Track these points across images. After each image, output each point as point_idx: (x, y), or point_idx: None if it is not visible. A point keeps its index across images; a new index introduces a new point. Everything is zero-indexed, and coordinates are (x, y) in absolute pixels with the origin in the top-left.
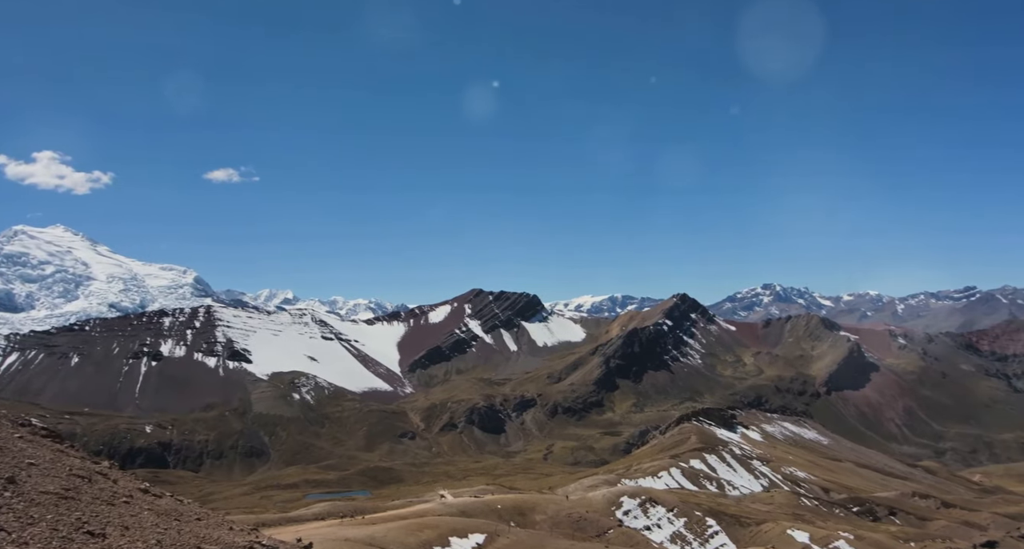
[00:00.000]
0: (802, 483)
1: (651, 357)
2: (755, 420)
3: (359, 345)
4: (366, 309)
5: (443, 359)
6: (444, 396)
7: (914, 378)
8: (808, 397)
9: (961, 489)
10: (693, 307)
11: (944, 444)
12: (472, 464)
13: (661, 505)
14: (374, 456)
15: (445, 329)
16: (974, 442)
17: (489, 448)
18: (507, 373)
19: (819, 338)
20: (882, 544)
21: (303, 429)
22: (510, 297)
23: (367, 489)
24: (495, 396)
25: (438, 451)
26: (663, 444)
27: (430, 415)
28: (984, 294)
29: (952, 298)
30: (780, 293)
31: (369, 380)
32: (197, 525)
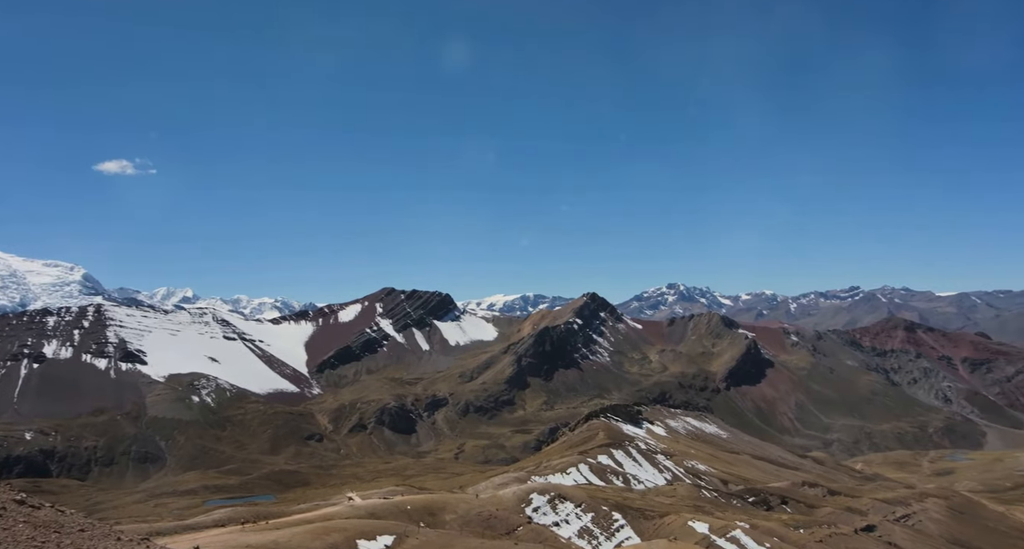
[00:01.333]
0: (703, 476)
1: (562, 355)
2: (660, 415)
3: (264, 345)
4: (272, 308)
5: (353, 359)
6: (353, 397)
7: (805, 373)
8: (709, 392)
9: (845, 477)
10: (602, 306)
11: (831, 435)
12: (382, 465)
13: (570, 501)
14: (279, 459)
15: (355, 328)
16: (857, 433)
17: (400, 449)
18: (419, 372)
19: (719, 336)
20: (774, 532)
21: (203, 433)
22: (423, 296)
23: (271, 494)
24: (406, 396)
25: (347, 453)
26: (572, 441)
27: (339, 416)
28: (866, 294)
29: (839, 297)
30: (684, 293)
31: (274, 381)
32: (80, 537)
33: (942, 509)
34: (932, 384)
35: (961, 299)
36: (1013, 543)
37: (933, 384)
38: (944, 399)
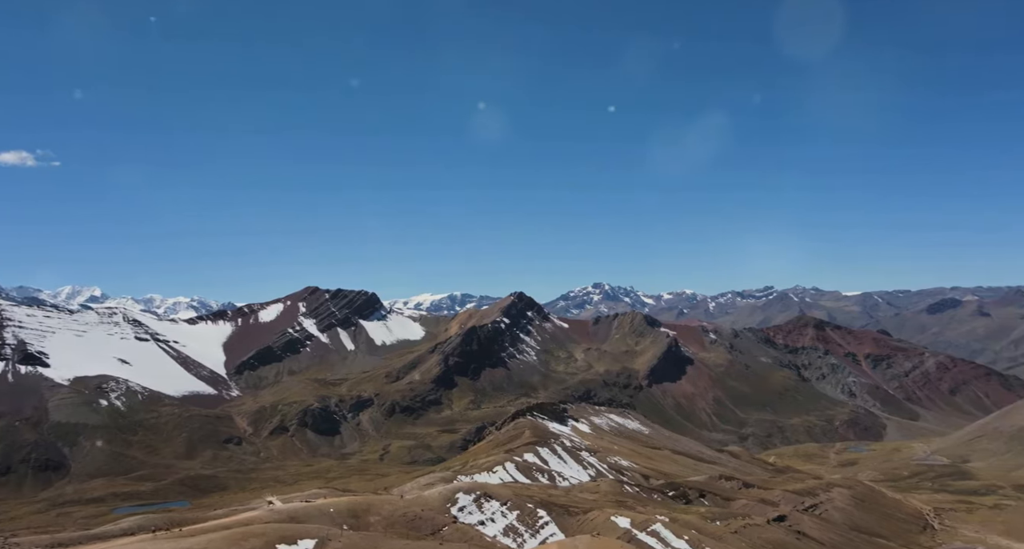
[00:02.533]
0: (625, 471)
1: (489, 354)
2: (585, 413)
3: (179, 346)
4: (187, 308)
5: (274, 360)
6: (275, 398)
7: (722, 370)
8: (632, 390)
9: (759, 470)
10: (529, 305)
11: (746, 430)
12: (304, 468)
13: (495, 499)
14: (195, 464)
15: (277, 328)
16: (770, 427)
17: (323, 450)
18: (344, 373)
19: (642, 334)
20: (692, 524)
21: (112, 438)
22: (348, 295)
23: (186, 499)
24: (330, 397)
25: (267, 456)
26: (498, 439)
27: (259, 418)
28: (780, 293)
29: (754, 297)
30: (609, 292)
31: (190, 383)
32: None
33: (846, 498)
34: (838, 379)
35: (865, 298)
36: (908, 528)
37: (839, 379)
38: (849, 394)
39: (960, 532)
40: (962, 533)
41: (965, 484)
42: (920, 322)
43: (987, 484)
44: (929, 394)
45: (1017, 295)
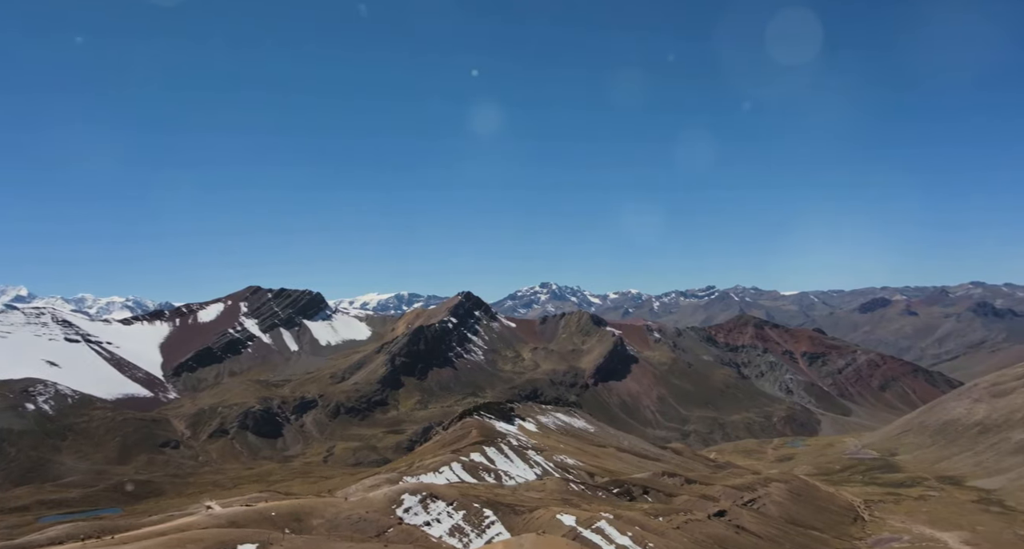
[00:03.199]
0: (571, 469)
1: (436, 354)
2: (531, 412)
3: (113, 347)
4: (122, 308)
5: (214, 361)
6: (214, 400)
7: (666, 368)
8: (578, 388)
9: (701, 466)
10: (477, 305)
11: (689, 427)
12: (245, 471)
13: (441, 500)
14: (129, 469)
15: (217, 329)
16: (711, 424)
17: (264, 453)
18: (287, 374)
19: (589, 333)
20: (636, 521)
21: (39, 443)
22: (291, 294)
23: (119, 506)
24: (273, 398)
25: (206, 460)
26: (445, 439)
27: (197, 421)
28: (721, 293)
29: (697, 296)
30: (556, 292)
31: (124, 386)
32: None
33: (783, 492)
34: (777, 377)
35: (801, 298)
36: (840, 520)
37: (777, 377)
38: (787, 390)
39: (888, 523)
40: (890, 524)
41: (893, 477)
42: (853, 321)
43: (913, 476)
44: (861, 390)
45: (941, 295)
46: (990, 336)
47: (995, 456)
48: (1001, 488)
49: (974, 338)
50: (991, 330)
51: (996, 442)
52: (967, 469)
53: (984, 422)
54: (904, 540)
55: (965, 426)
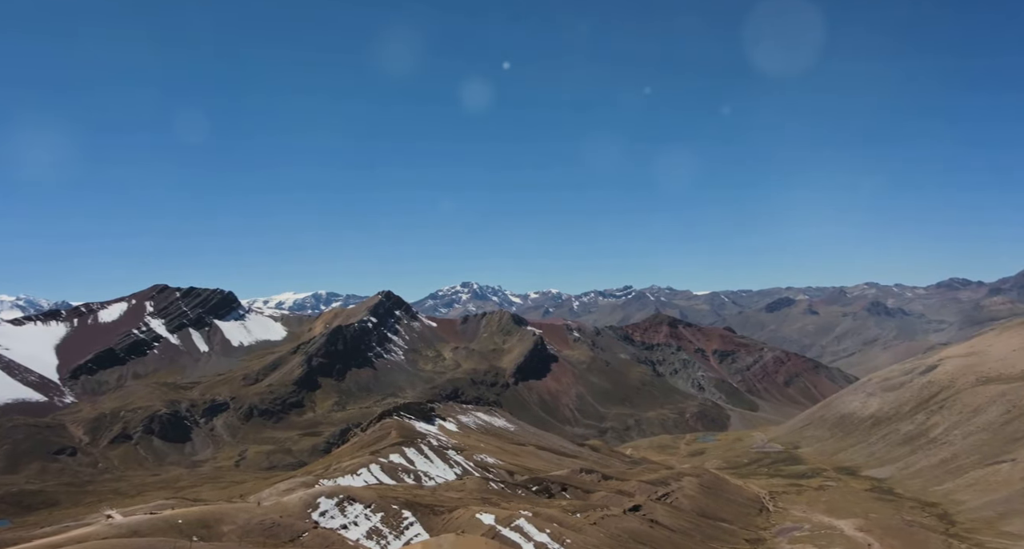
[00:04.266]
0: (491, 468)
1: (355, 354)
2: (452, 412)
3: (2, 350)
4: (12, 307)
5: (116, 363)
6: (116, 404)
7: (585, 367)
8: (499, 388)
9: (617, 462)
10: (397, 304)
11: (606, 424)
12: (150, 478)
13: (359, 502)
14: (19, 478)
15: (120, 329)
16: (628, 420)
17: (171, 459)
18: (196, 376)
19: (510, 333)
20: (554, 518)
21: None
22: (201, 293)
23: (7, 518)
24: (180, 401)
25: (106, 467)
26: (364, 441)
27: (97, 427)
28: (638, 293)
29: (615, 296)
30: (477, 291)
31: (15, 390)
32: None
33: (695, 486)
34: (689, 374)
35: (713, 297)
36: (747, 511)
37: (690, 374)
38: (699, 387)
39: (790, 513)
40: (792, 513)
41: (795, 468)
42: (760, 319)
43: (813, 468)
44: (767, 386)
45: (840, 295)
46: (882, 334)
47: (886, 447)
48: (891, 477)
49: (868, 335)
50: (883, 328)
51: (887, 433)
52: (861, 459)
53: (876, 415)
54: (805, 529)
55: (860, 419)
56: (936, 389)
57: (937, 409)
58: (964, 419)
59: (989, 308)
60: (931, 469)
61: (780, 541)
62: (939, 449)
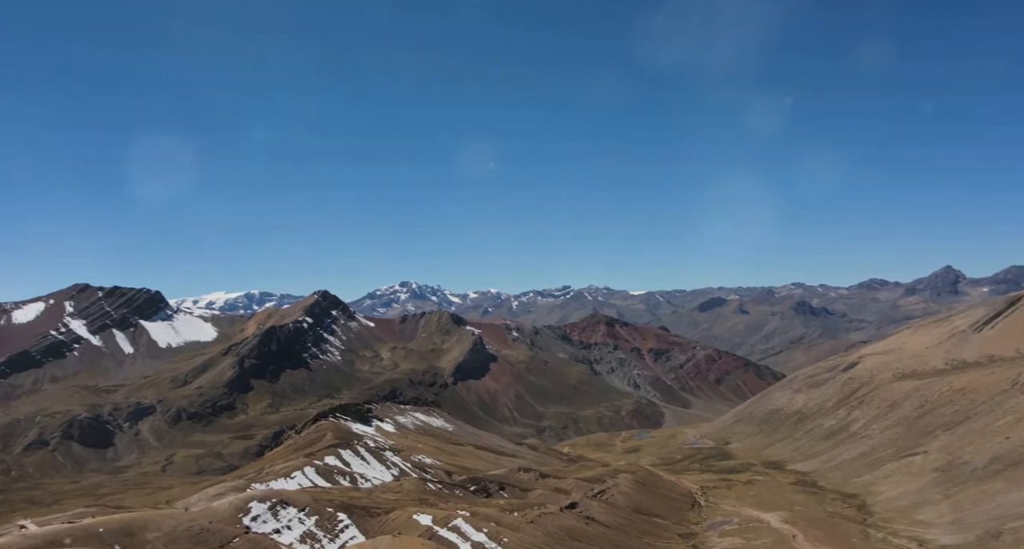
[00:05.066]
0: (429, 469)
1: (290, 355)
2: (390, 412)
3: None
4: None
5: (32, 366)
6: (32, 409)
7: (524, 366)
8: (438, 388)
9: (555, 461)
10: (334, 304)
11: (544, 423)
12: (68, 485)
13: (292, 506)
14: None
15: (36, 330)
16: (566, 419)
17: (92, 465)
18: (120, 378)
19: (449, 332)
20: (492, 517)
21: None
22: (126, 293)
23: None
24: (103, 405)
25: (20, 475)
26: (298, 443)
27: (10, 433)
28: (576, 292)
29: (553, 296)
30: (416, 291)
31: None
32: None
33: (630, 483)
34: (626, 372)
35: (648, 297)
36: (680, 506)
37: (626, 372)
38: (634, 385)
39: (721, 507)
40: (722, 508)
41: (726, 464)
42: (693, 319)
43: (743, 463)
44: (699, 384)
45: (768, 294)
46: (808, 332)
47: (810, 441)
48: (815, 470)
49: (795, 334)
50: (809, 327)
51: (811, 428)
52: (788, 454)
53: (802, 411)
54: (734, 522)
55: (786, 415)
56: (856, 385)
57: (857, 404)
58: (881, 414)
59: (905, 307)
60: (851, 462)
61: (711, 535)
62: (859, 443)
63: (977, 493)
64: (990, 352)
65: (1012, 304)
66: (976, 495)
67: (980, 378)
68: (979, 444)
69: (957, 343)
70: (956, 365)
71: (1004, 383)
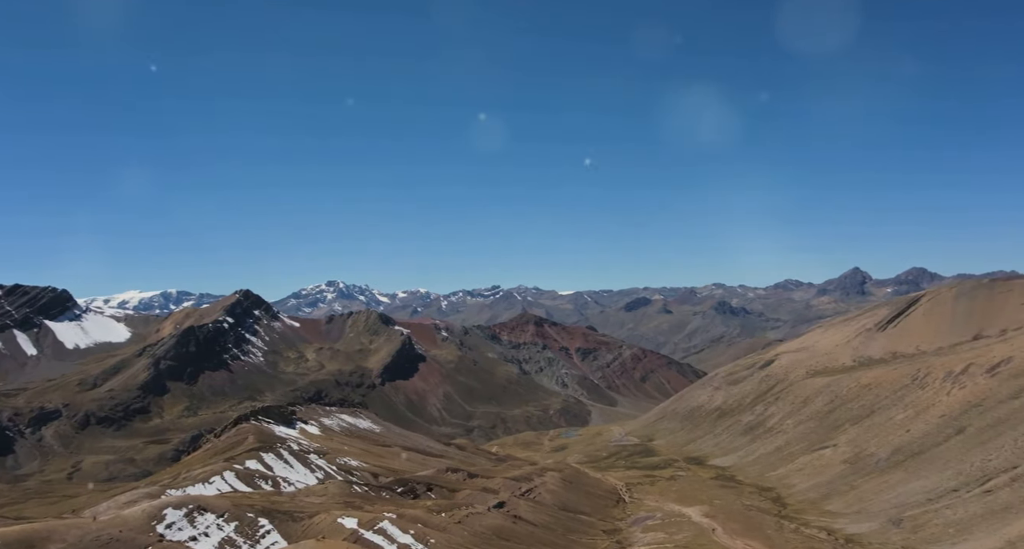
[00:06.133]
0: (355, 471)
1: (209, 357)
2: (315, 414)
3: None
4: None
5: None
6: None
7: (453, 366)
8: (365, 389)
9: (483, 460)
10: (257, 304)
11: (473, 422)
12: None
13: (211, 512)
14: None
15: None
16: (494, 418)
17: None
18: (22, 381)
19: (377, 333)
20: (419, 518)
21: None
22: (29, 292)
23: None
24: (2, 410)
25: None
26: (217, 447)
27: None
28: (505, 292)
29: (483, 296)
30: (343, 290)
31: None
32: None
33: (557, 481)
34: (554, 372)
35: (576, 297)
36: (606, 503)
37: (555, 372)
38: (562, 384)
39: (644, 502)
40: (646, 503)
41: (650, 460)
42: (620, 318)
43: (666, 459)
44: (625, 382)
45: (691, 295)
46: (728, 331)
47: (729, 437)
48: (733, 465)
49: (715, 333)
50: (729, 326)
51: (731, 424)
52: (708, 449)
53: (722, 407)
54: (657, 517)
55: (707, 411)
56: (773, 382)
57: (773, 401)
58: (795, 409)
59: (817, 307)
60: (768, 456)
61: (634, 530)
62: (775, 437)
63: (880, 483)
64: (893, 349)
65: (912, 304)
66: (879, 485)
67: (884, 374)
68: (882, 437)
69: (864, 341)
70: (863, 362)
71: (905, 378)
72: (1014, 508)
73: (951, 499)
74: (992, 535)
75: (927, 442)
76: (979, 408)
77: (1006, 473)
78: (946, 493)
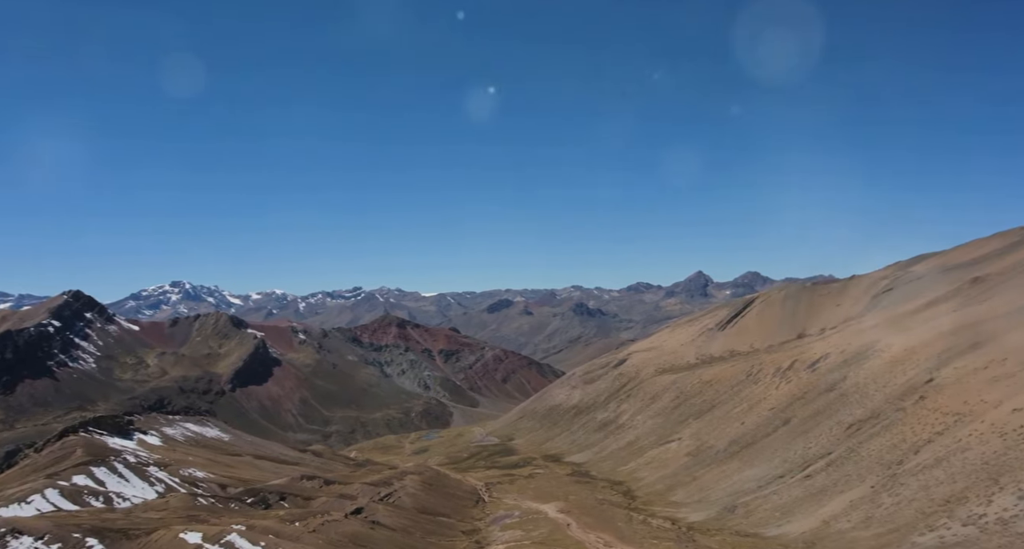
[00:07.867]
0: (200, 483)
1: (30, 363)
2: (155, 424)
3: None
4: None
5: None
6: None
7: (310, 370)
8: (213, 395)
9: (341, 466)
10: (89, 305)
11: (331, 427)
12: None
13: (27, 534)
14: None
15: None
16: (354, 423)
17: None
18: None
19: (227, 336)
20: (270, 529)
21: None
22: None
23: None
24: None
25: None
26: (39, 463)
27: None
28: (367, 294)
29: (344, 297)
30: (190, 291)
31: None
32: None
33: (417, 484)
34: (416, 374)
35: (439, 299)
36: (465, 504)
37: (417, 374)
38: (425, 386)
39: (503, 501)
40: (505, 502)
41: (509, 459)
42: (482, 320)
43: (525, 457)
44: (487, 383)
45: (551, 297)
46: (585, 332)
47: (585, 434)
48: (588, 461)
49: (573, 334)
50: (586, 327)
51: (586, 422)
52: (565, 447)
53: (578, 405)
54: (515, 515)
55: (565, 409)
56: (625, 380)
57: (626, 398)
58: (645, 405)
59: (666, 308)
60: (619, 451)
61: (493, 529)
62: (626, 433)
63: (718, 473)
64: (731, 347)
65: (747, 305)
66: (717, 475)
67: (723, 371)
68: (721, 429)
69: (706, 340)
70: (705, 360)
71: (741, 374)
72: (828, 490)
73: (778, 485)
74: (810, 516)
75: (759, 433)
76: (802, 400)
77: (822, 459)
78: (774, 480)
